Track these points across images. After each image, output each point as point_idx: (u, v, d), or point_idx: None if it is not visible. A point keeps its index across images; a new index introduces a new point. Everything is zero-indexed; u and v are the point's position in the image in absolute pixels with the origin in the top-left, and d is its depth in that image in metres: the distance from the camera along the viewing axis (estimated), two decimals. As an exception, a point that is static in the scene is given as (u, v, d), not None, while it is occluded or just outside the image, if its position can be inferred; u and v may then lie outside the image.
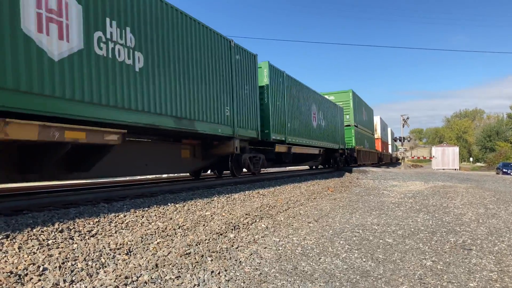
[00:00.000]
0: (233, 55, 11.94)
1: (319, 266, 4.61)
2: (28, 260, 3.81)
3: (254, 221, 6.81)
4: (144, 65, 8.12)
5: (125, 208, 6.62)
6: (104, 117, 7.10)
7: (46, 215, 5.55)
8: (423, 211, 8.81)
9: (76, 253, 4.19)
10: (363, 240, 5.96)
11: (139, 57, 8.00)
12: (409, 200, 10.66)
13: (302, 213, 8.12)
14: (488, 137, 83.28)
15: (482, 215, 8.27)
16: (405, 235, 6.31)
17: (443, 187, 14.26)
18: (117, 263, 4.15)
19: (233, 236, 5.73)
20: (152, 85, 8.33)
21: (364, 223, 7.29)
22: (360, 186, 15.10)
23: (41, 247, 4.24)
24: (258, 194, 9.84)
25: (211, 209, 7.36)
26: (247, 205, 8.19)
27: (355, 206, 9.45)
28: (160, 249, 4.73)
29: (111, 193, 8.08)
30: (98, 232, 5.09)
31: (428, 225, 7.20)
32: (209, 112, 10.53)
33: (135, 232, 5.32)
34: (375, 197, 11.40)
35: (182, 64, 9.39)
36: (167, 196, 8.33)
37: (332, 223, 7.23)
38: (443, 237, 6.24)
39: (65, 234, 4.78)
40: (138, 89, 7.94)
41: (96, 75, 6.93)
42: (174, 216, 6.49)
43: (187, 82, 9.54)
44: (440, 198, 11.02)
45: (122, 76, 7.53)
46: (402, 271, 4.51)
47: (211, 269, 4.23)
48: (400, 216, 8.06)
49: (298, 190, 11.63)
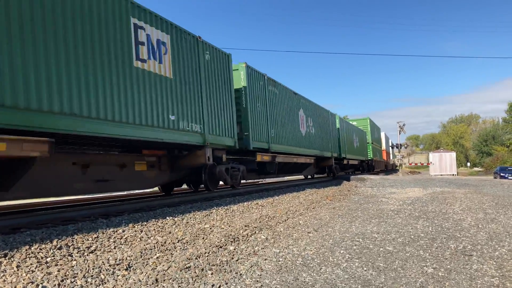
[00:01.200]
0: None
1: (320, 277, 4.59)
2: (26, 279, 3.78)
3: (253, 233, 6.78)
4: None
5: (124, 223, 6.58)
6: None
7: (45, 232, 5.51)
8: (423, 217, 8.80)
9: (75, 270, 4.15)
10: (364, 248, 5.94)
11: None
12: (408, 207, 10.65)
13: (302, 223, 8.10)
14: (485, 142, 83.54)
15: (482, 220, 8.27)
16: (405, 243, 6.29)
17: (442, 193, 14.27)
18: (117, 279, 4.11)
19: (233, 249, 5.71)
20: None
21: (364, 231, 7.28)
22: (358, 194, 15.08)
23: (40, 265, 4.20)
24: (257, 205, 9.81)
25: (210, 222, 7.33)
26: (246, 217, 8.16)
27: (354, 214, 9.44)
28: (159, 264, 4.70)
29: (109, 208, 8.05)
30: (97, 248, 5.06)
31: (428, 231, 7.19)
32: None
33: (134, 247, 5.29)
34: (374, 205, 11.39)
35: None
36: (166, 209, 8.29)
37: (332, 232, 7.21)
38: (443, 243, 6.23)
39: (63, 251, 4.74)
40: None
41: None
42: (173, 229, 6.46)
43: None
44: (439, 204, 11.02)
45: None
46: (404, 279, 4.49)
47: (211, 283, 4.20)
48: (399, 224, 8.05)
49: (297, 200, 11.61)
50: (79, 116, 6.89)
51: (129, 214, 7.55)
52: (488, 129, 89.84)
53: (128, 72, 8.07)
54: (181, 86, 9.90)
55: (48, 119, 6.33)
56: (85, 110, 7.02)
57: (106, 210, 7.88)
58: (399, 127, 49.67)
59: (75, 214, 7.23)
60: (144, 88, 8.55)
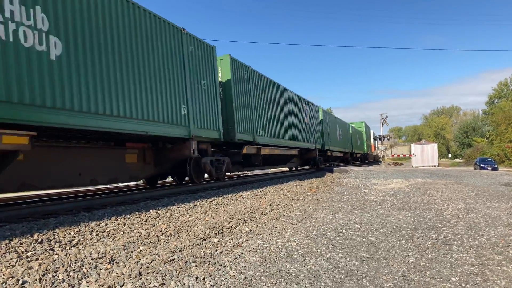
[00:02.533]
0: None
1: (304, 267, 4.62)
2: (7, 274, 3.71)
3: (238, 225, 6.79)
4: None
5: (107, 216, 6.52)
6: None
7: (25, 226, 5.42)
8: (405, 208, 8.92)
9: (57, 264, 4.10)
10: (347, 239, 6.00)
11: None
12: (391, 198, 10.79)
13: (286, 214, 8.13)
14: (465, 133, 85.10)
15: (462, 210, 8.43)
16: (387, 233, 6.38)
17: (424, 184, 14.48)
18: (100, 272, 4.08)
19: (217, 241, 5.70)
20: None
21: (347, 222, 7.34)
22: (342, 186, 15.21)
23: (20, 259, 4.13)
24: (241, 197, 9.82)
25: (194, 214, 7.31)
26: (231, 209, 8.16)
27: (337, 205, 9.52)
28: (143, 257, 4.67)
29: (92, 202, 7.95)
30: (79, 242, 5.00)
31: (410, 222, 7.29)
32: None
33: (117, 240, 5.24)
34: (357, 196, 11.50)
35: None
36: (149, 202, 8.24)
37: (316, 223, 7.26)
38: (424, 233, 6.33)
39: (45, 245, 4.68)
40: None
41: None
42: (156, 222, 6.42)
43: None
44: (421, 195, 11.19)
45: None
46: (386, 269, 4.55)
47: (195, 275, 4.19)
48: (382, 214, 8.15)
49: (281, 192, 11.65)
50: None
51: (112, 207, 7.48)
52: (469, 121, 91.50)
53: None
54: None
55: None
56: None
57: (89, 203, 7.78)
58: (382, 119, 50.09)
59: (57, 208, 7.12)
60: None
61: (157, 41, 9.60)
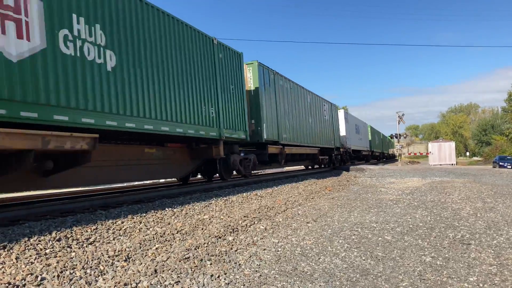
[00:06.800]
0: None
1: (319, 266, 4.60)
2: (26, 270, 3.79)
3: (252, 223, 6.80)
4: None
5: (123, 214, 6.59)
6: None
7: (43, 224, 5.52)
8: (421, 207, 8.82)
9: (74, 261, 4.17)
10: (362, 238, 5.96)
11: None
12: (407, 197, 10.68)
13: (301, 213, 8.11)
14: (484, 131, 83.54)
15: (480, 209, 8.29)
16: (404, 232, 6.31)
17: (441, 183, 14.30)
18: (116, 270, 4.12)
19: (232, 239, 5.72)
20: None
21: (362, 221, 7.29)
22: (357, 184, 15.11)
23: (39, 256, 4.21)
24: (256, 196, 9.83)
25: (209, 213, 7.35)
26: (245, 207, 8.17)
27: (353, 204, 9.46)
28: (159, 255, 4.72)
29: (108, 200, 8.05)
30: (96, 240, 5.07)
31: (426, 221, 7.20)
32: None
33: (133, 238, 5.30)
34: (373, 195, 11.41)
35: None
36: (165, 201, 8.31)
37: (331, 222, 7.23)
38: (441, 232, 6.25)
39: (62, 243, 4.75)
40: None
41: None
42: (172, 221, 6.47)
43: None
44: (438, 194, 11.05)
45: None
46: (402, 268, 4.51)
47: (210, 273, 4.21)
48: (398, 213, 8.07)
49: (296, 190, 11.63)
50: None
51: (128, 205, 7.56)
52: (487, 119, 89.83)
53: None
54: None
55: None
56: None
57: (105, 201, 7.88)
58: (398, 117, 49.54)
59: (74, 206, 7.23)
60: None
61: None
